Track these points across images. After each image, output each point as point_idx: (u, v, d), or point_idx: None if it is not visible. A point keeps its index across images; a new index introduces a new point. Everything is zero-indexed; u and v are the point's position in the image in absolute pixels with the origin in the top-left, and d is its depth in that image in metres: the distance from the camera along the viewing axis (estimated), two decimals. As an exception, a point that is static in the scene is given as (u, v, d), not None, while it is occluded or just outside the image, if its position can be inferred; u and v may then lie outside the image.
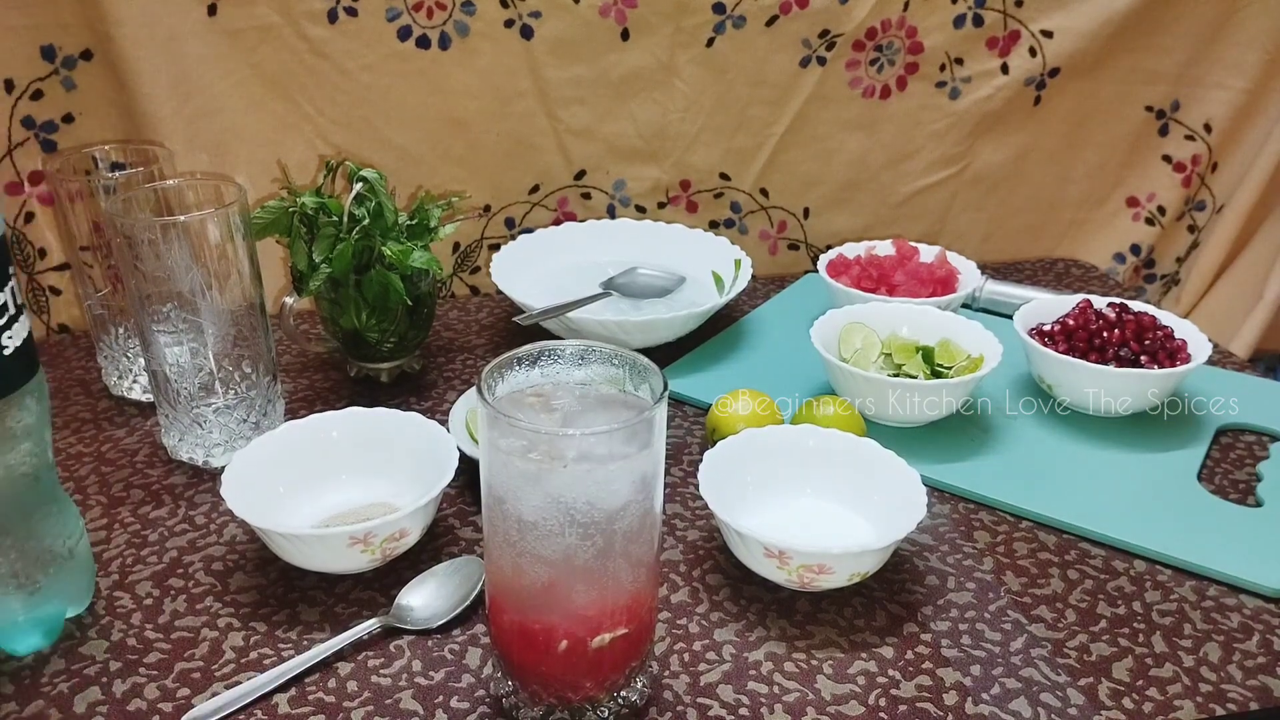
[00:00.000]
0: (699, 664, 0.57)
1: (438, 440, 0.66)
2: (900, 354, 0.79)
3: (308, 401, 0.82)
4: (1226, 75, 1.05)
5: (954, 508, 0.71)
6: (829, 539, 0.62)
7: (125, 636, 0.58)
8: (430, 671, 0.56)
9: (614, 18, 0.94)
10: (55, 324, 0.94)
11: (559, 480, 0.46)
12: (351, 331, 0.80)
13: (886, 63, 1.01)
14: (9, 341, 0.50)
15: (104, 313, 0.80)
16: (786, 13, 0.96)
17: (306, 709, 0.54)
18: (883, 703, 0.55)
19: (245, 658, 0.57)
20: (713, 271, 0.94)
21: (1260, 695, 0.56)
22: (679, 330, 0.88)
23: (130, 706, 0.54)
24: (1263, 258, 1.07)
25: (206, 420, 0.71)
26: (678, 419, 0.81)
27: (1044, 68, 1.03)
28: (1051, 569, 0.65)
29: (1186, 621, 0.61)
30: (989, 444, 0.77)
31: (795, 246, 1.11)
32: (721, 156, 1.04)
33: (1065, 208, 1.14)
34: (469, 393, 0.75)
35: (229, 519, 0.68)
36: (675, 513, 0.70)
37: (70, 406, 0.81)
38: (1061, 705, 0.55)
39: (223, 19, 0.87)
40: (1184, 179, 1.11)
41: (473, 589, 0.61)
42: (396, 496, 0.66)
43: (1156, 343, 0.78)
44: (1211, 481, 0.74)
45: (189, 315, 0.68)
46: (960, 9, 0.99)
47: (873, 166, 1.07)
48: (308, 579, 0.62)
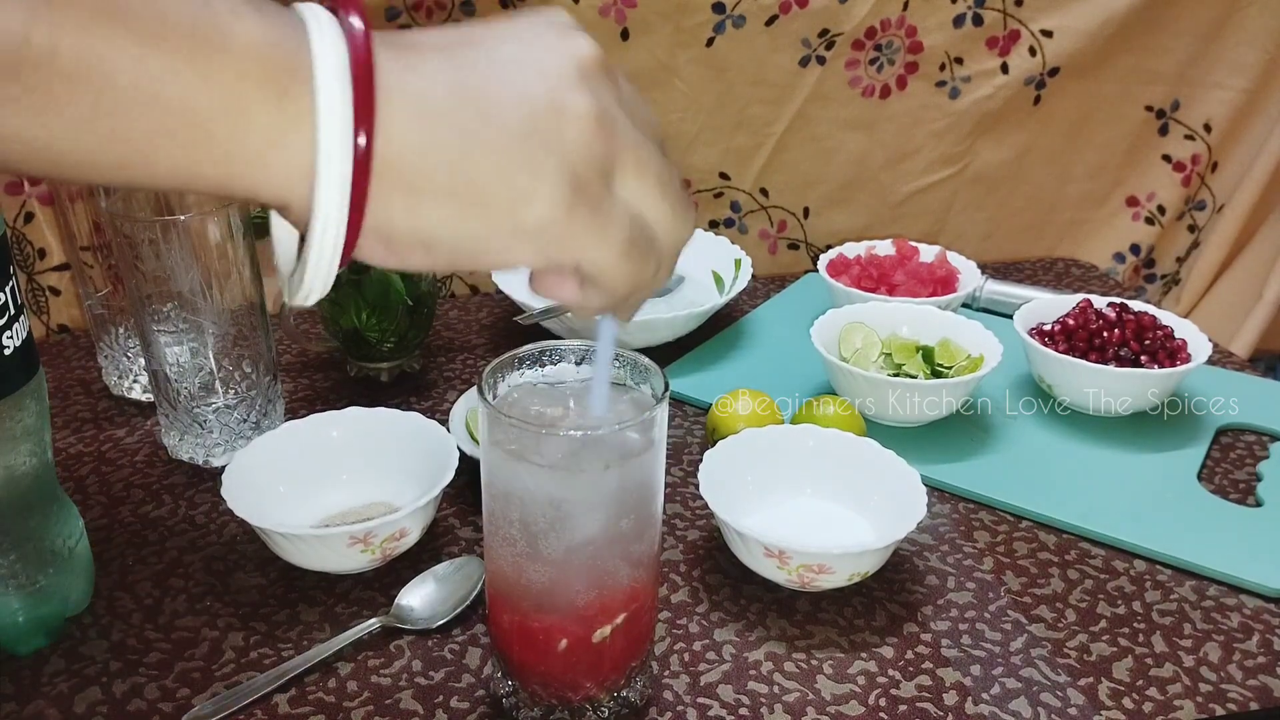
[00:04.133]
0: (699, 664, 0.57)
1: (438, 440, 0.66)
2: (900, 354, 0.79)
3: (308, 401, 0.82)
4: (1226, 75, 1.05)
5: (954, 508, 0.71)
6: (829, 539, 0.62)
7: (125, 636, 0.58)
8: (430, 671, 0.56)
9: (614, 18, 0.94)
10: (55, 324, 0.94)
11: (559, 480, 0.46)
12: (351, 331, 0.80)
13: (886, 62, 1.01)
14: (9, 341, 0.50)
15: (104, 313, 0.80)
16: (786, 12, 0.96)
17: (306, 709, 0.54)
18: (883, 703, 0.55)
19: (245, 658, 0.57)
20: (713, 271, 0.94)
21: (1260, 695, 0.56)
22: (679, 330, 0.88)
23: (130, 706, 0.54)
24: (1263, 258, 1.07)
25: (206, 420, 0.71)
26: (678, 419, 0.81)
27: (1044, 67, 1.03)
28: (1051, 569, 0.65)
29: (1186, 621, 0.61)
30: (989, 444, 0.77)
31: (795, 246, 1.11)
32: (721, 156, 1.04)
33: (1065, 208, 1.14)
34: (469, 393, 0.75)
35: (229, 519, 0.68)
36: (675, 513, 0.70)
37: (70, 406, 0.81)
38: (1061, 705, 0.55)
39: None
40: (1184, 179, 1.11)
41: (473, 589, 0.61)
42: (396, 496, 0.66)
43: (1156, 343, 0.78)
44: (1211, 481, 0.74)
45: (189, 315, 0.68)
46: (960, 9, 0.99)
47: (873, 166, 1.07)
48: (308, 579, 0.62)
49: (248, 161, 0.30)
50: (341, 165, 0.30)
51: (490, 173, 0.32)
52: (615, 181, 0.34)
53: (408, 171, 0.31)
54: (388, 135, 0.30)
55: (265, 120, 0.29)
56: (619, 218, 0.34)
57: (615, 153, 0.34)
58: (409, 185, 0.31)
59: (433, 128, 0.31)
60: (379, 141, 0.30)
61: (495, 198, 0.32)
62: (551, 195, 0.32)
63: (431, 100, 0.31)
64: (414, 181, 0.31)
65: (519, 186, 0.32)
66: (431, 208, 0.32)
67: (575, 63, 0.33)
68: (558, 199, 0.32)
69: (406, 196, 0.31)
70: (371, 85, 0.30)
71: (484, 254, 0.33)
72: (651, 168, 0.35)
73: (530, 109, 0.32)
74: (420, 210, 0.32)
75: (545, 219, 0.33)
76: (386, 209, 0.31)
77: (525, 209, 0.32)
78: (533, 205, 0.32)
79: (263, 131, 0.29)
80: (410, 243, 0.33)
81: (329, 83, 0.29)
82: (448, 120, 0.31)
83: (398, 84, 0.31)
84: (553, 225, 0.33)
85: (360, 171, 0.30)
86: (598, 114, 0.33)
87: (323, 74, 0.29)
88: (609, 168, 0.34)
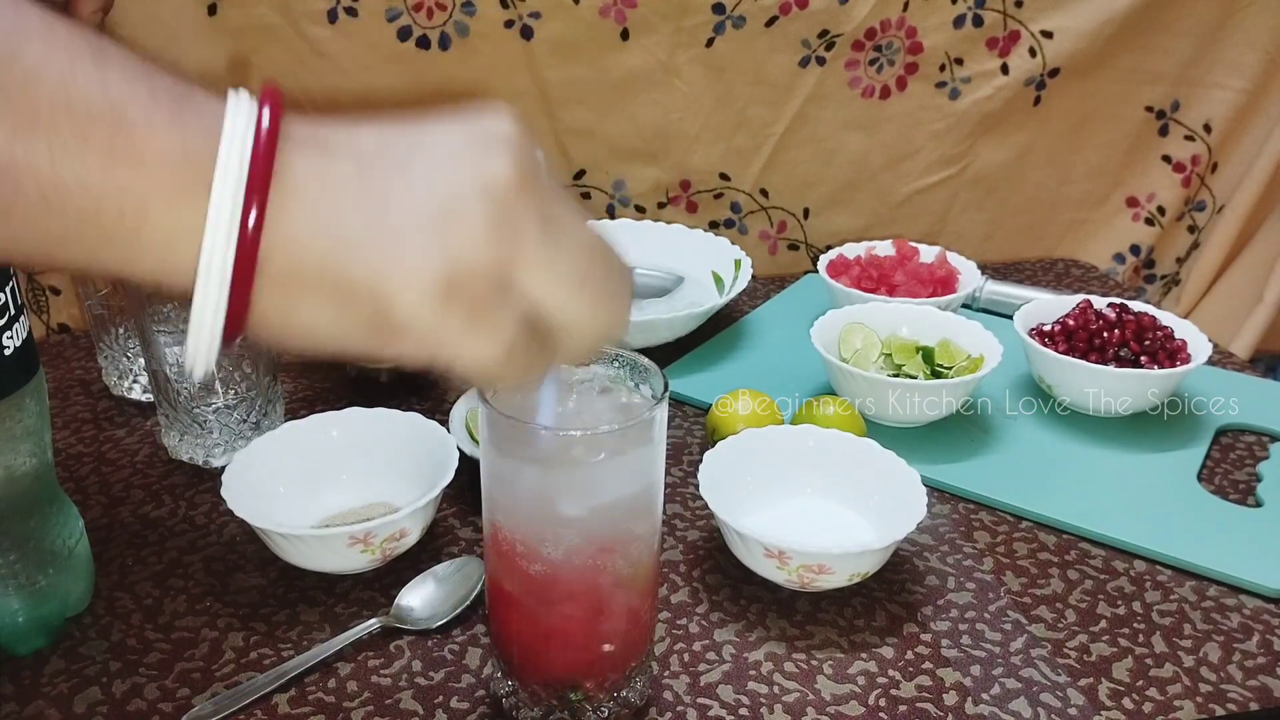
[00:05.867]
0: (699, 664, 0.57)
1: (438, 440, 0.66)
2: (900, 354, 0.79)
3: (308, 401, 0.82)
4: (1226, 75, 1.05)
5: (954, 508, 0.71)
6: (829, 539, 0.62)
7: (125, 636, 0.58)
8: (430, 671, 0.56)
9: (614, 18, 0.94)
10: (55, 324, 0.94)
11: (559, 480, 0.46)
12: (351, 331, 0.80)
13: (886, 63, 1.01)
14: (9, 341, 0.50)
15: (104, 313, 0.80)
16: (786, 13, 0.96)
17: (306, 709, 0.54)
18: (883, 703, 0.55)
19: (245, 658, 0.57)
20: (713, 271, 0.94)
21: (1260, 695, 0.56)
22: (679, 330, 0.88)
23: (130, 706, 0.54)
24: (1263, 258, 1.07)
25: (206, 421, 0.71)
26: (678, 419, 0.81)
27: (1044, 68, 1.03)
28: (1051, 569, 0.65)
29: (1186, 622, 0.61)
30: (989, 444, 0.77)
31: (795, 246, 1.11)
32: (721, 156, 1.04)
33: (1065, 208, 1.14)
34: (469, 393, 0.75)
35: (229, 519, 0.68)
36: (675, 513, 0.70)
37: (70, 406, 0.81)
38: (1061, 705, 0.55)
39: (223, 19, 0.87)
40: (1184, 179, 1.11)
41: (473, 589, 0.61)
42: (396, 496, 0.66)
43: (1156, 343, 0.78)
44: (1211, 481, 0.74)
45: (189, 315, 0.68)
46: (960, 9, 0.99)
47: (873, 166, 1.07)
48: (308, 579, 0.62)
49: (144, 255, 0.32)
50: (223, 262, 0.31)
51: (363, 271, 0.33)
52: (517, 279, 0.34)
53: (287, 268, 0.32)
54: (273, 231, 0.32)
55: (164, 224, 0.31)
56: (502, 322, 0.34)
57: (514, 256, 0.34)
58: (286, 281, 0.32)
59: (317, 228, 0.32)
60: (265, 237, 0.31)
61: (365, 296, 0.33)
62: (420, 297, 0.33)
63: (324, 203, 0.32)
64: (290, 277, 0.32)
65: (390, 286, 0.33)
66: (305, 303, 0.33)
67: (483, 176, 0.34)
68: (426, 301, 0.33)
69: (282, 291, 0.32)
70: (266, 187, 0.31)
71: (360, 346, 0.34)
72: (564, 269, 0.35)
73: (420, 216, 0.33)
74: (294, 304, 0.33)
75: (414, 319, 0.33)
76: (264, 301, 0.32)
77: (393, 309, 0.33)
78: (400, 306, 0.33)
79: (161, 233, 0.31)
80: (286, 333, 0.34)
81: (223, 187, 0.31)
82: (337, 222, 0.32)
83: (298, 185, 0.32)
84: (422, 326, 0.33)
85: (241, 268, 0.31)
86: (494, 221, 0.34)
87: (220, 179, 0.31)
88: (505, 270, 0.34)
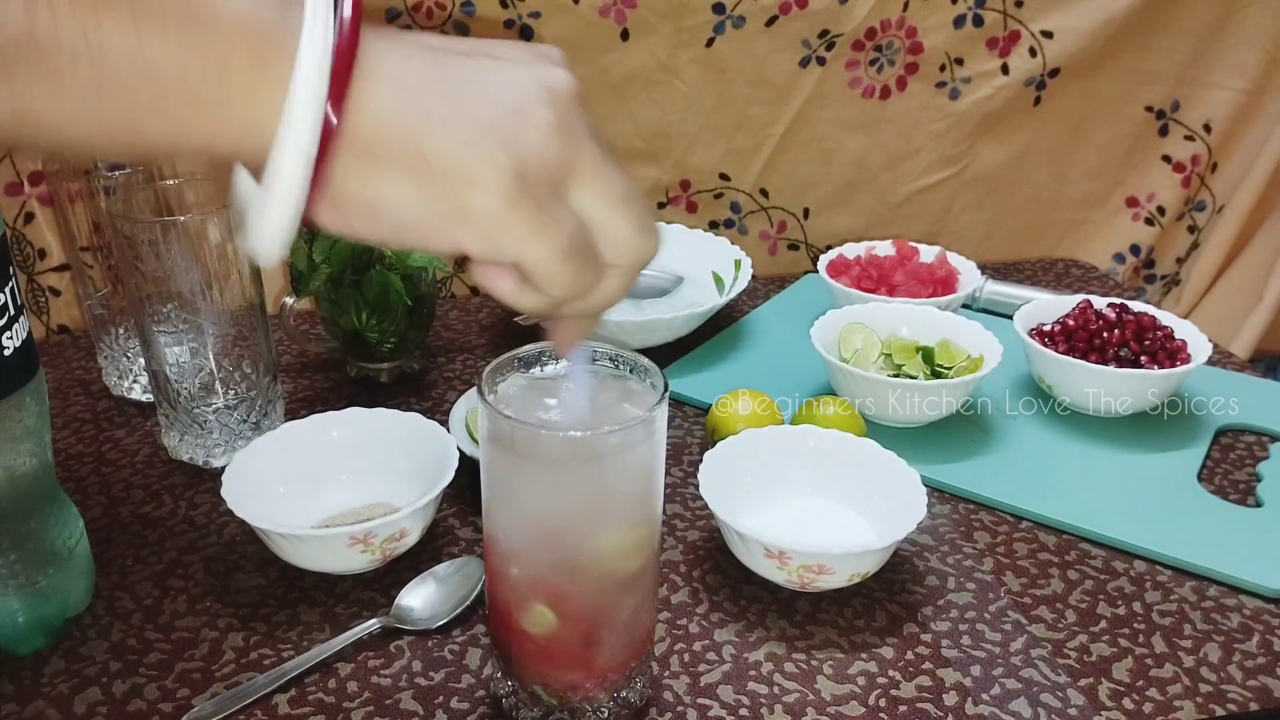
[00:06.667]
0: (699, 664, 0.57)
1: (438, 440, 0.66)
2: (900, 354, 0.79)
3: (308, 401, 0.82)
4: (1226, 75, 1.05)
5: (954, 508, 0.71)
6: (829, 539, 0.62)
7: (125, 636, 0.58)
8: (430, 672, 0.56)
9: (614, 18, 0.94)
10: (55, 324, 0.94)
11: (559, 480, 0.46)
12: (351, 331, 0.80)
13: (886, 63, 1.01)
14: (9, 342, 0.50)
15: (104, 313, 0.80)
16: (786, 13, 0.96)
17: (306, 709, 0.54)
18: (883, 703, 0.55)
19: (245, 658, 0.57)
20: (713, 272, 0.94)
21: (1260, 695, 0.56)
22: (679, 330, 0.88)
23: (130, 707, 0.54)
24: (1263, 258, 1.07)
25: (206, 421, 0.71)
26: (678, 419, 0.81)
27: (1044, 68, 1.03)
28: (1051, 569, 0.65)
29: (1186, 622, 0.61)
30: (989, 444, 0.77)
31: (795, 247, 1.11)
32: (721, 157, 1.04)
33: (1065, 208, 1.14)
34: (469, 393, 0.75)
35: (229, 519, 0.68)
36: (675, 513, 0.70)
37: (70, 406, 0.81)
38: (1061, 705, 0.55)
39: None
40: (1184, 179, 1.11)
41: (473, 589, 0.61)
42: (396, 496, 0.66)
43: (1156, 343, 0.78)
44: (1211, 481, 0.74)
45: (189, 315, 0.68)
46: (960, 9, 0.99)
47: (873, 166, 1.07)
48: (308, 579, 0.62)
49: (230, 122, 0.33)
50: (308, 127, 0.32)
51: (444, 153, 0.34)
52: (571, 190, 0.36)
53: (369, 139, 0.33)
54: (357, 104, 0.33)
55: (246, 84, 0.32)
56: (563, 221, 0.36)
57: (573, 164, 0.36)
58: (368, 152, 0.34)
59: (400, 104, 0.34)
60: (350, 103, 0.33)
61: (444, 177, 0.34)
62: (497, 185, 0.34)
63: (405, 83, 0.34)
64: (373, 149, 0.34)
65: (468, 171, 0.34)
66: (384, 177, 0.34)
67: (548, 85, 0.36)
68: (502, 190, 0.34)
69: (363, 162, 0.34)
70: (352, 60, 0.33)
71: (427, 230, 0.35)
72: (614, 187, 0.37)
73: (495, 110, 0.35)
74: (373, 177, 0.34)
75: (488, 206, 0.34)
76: (343, 172, 0.34)
77: (470, 193, 0.34)
78: (477, 191, 0.34)
79: (244, 95, 0.32)
80: (358, 209, 0.35)
81: (310, 53, 0.32)
82: (416, 101, 0.34)
83: (377, 63, 0.34)
84: (494, 214, 0.35)
85: (325, 136, 0.33)
86: (559, 125, 0.35)
87: (306, 45, 0.32)
88: (563, 176, 0.36)
